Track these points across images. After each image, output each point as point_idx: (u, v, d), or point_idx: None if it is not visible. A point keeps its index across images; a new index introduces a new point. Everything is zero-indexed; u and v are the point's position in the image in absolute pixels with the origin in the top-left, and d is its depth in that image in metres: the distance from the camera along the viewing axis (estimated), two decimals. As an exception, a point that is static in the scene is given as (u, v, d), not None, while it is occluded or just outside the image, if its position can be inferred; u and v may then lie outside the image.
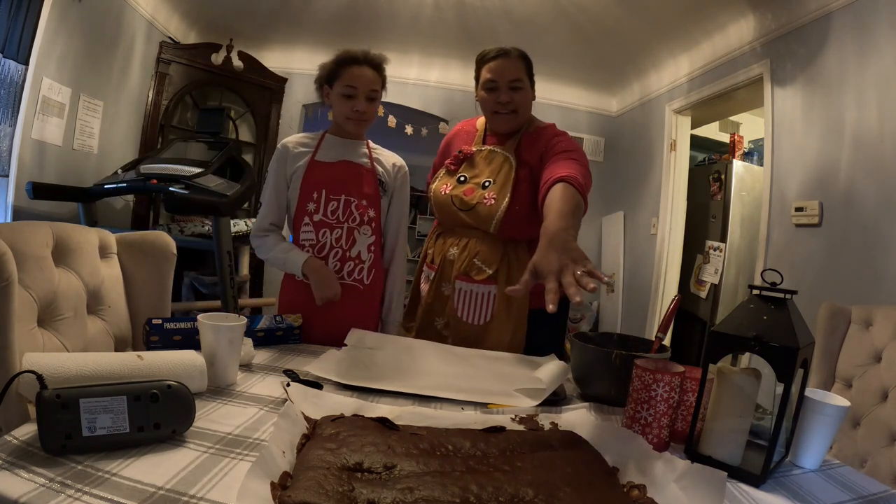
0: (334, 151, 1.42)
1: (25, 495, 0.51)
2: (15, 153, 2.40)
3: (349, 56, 1.37)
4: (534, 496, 0.60)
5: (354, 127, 1.40)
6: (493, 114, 1.42)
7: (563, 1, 2.93)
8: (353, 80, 1.35)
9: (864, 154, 2.01)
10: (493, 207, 1.35)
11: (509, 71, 1.37)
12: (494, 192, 1.37)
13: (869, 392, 1.20)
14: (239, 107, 3.93)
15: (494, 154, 1.43)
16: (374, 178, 1.43)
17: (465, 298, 1.39)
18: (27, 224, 1.04)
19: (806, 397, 0.78)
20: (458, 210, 1.39)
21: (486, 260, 1.37)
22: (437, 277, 1.42)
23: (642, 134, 3.93)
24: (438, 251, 1.45)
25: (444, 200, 1.42)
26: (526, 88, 1.40)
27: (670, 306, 1.07)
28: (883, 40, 1.94)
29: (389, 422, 0.75)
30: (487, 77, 1.39)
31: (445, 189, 1.43)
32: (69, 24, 2.60)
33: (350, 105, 1.36)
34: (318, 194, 1.37)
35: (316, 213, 1.37)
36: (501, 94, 1.38)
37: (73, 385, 0.63)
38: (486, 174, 1.41)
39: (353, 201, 1.39)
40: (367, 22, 3.47)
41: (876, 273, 1.90)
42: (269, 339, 1.21)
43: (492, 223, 1.35)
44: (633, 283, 4.00)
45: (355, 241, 1.39)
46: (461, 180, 1.42)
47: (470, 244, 1.39)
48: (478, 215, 1.37)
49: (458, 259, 1.39)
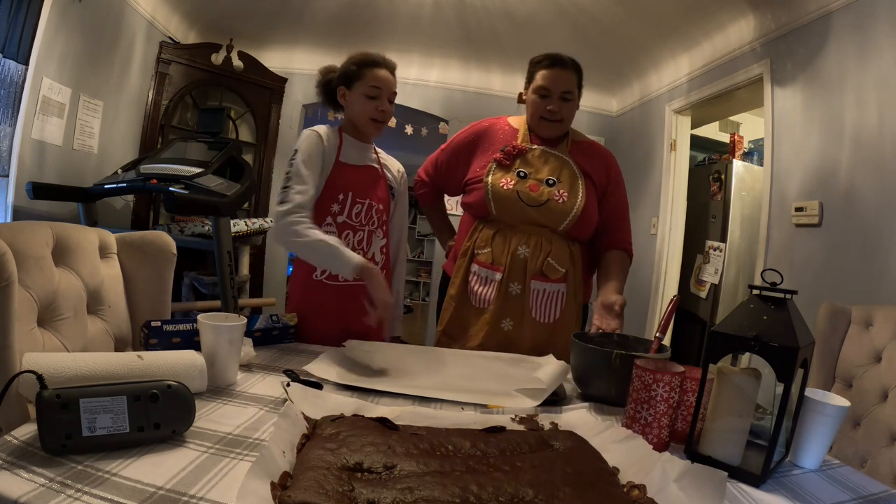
0: (356, 154, 1.42)
1: (25, 495, 0.51)
2: (15, 153, 2.39)
3: (371, 59, 1.39)
4: (534, 496, 0.60)
5: (376, 129, 1.41)
6: (539, 119, 1.43)
7: (563, 1, 2.92)
8: (378, 81, 1.36)
9: (864, 154, 2.01)
10: (566, 205, 1.36)
11: (564, 82, 1.40)
12: (565, 191, 1.37)
13: (869, 392, 1.20)
14: (239, 107, 3.93)
15: (549, 154, 1.43)
16: (385, 183, 1.47)
17: (539, 298, 1.38)
18: (27, 224, 1.04)
19: (806, 397, 0.78)
20: (525, 206, 1.36)
21: (558, 259, 1.38)
22: (504, 278, 1.37)
23: (642, 134, 3.93)
24: (500, 250, 1.38)
25: (508, 195, 1.37)
26: (575, 100, 1.43)
27: (669, 306, 1.07)
28: (883, 40, 1.94)
29: (389, 422, 0.75)
30: (541, 84, 1.40)
31: (507, 184, 1.37)
32: (69, 24, 2.60)
33: (375, 105, 1.37)
34: (343, 196, 1.36)
35: (340, 214, 1.36)
36: (553, 102, 1.40)
37: (73, 385, 0.63)
38: (545, 172, 1.39)
39: (374, 206, 1.41)
40: (367, 22, 3.46)
41: (876, 273, 1.89)
42: (266, 338, 1.21)
43: (565, 221, 1.36)
44: (633, 283, 3.98)
45: (372, 244, 1.42)
46: (521, 175, 1.38)
47: (542, 243, 1.37)
48: (549, 212, 1.35)
49: (532, 258, 1.36)
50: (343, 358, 1.10)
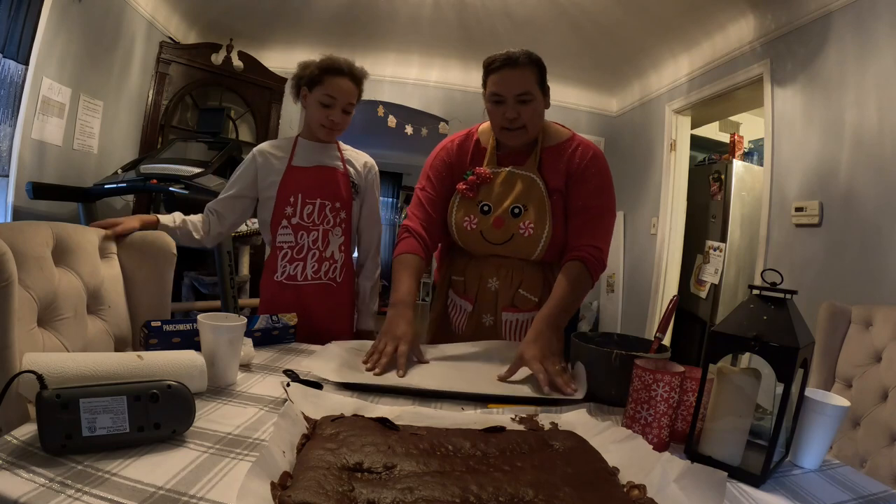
0: (309, 156, 1.47)
1: (25, 495, 0.51)
2: (15, 153, 2.39)
3: (334, 65, 1.39)
4: (534, 496, 0.60)
5: (326, 135, 1.46)
6: (500, 129, 1.28)
7: (563, 1, 2.93)
8: (333, 90, 1.39)
9: (864, 154, 2.01)
10: (533, 238, 1.27)
11: (516, 83, 1.21)
12: (531, 221, 1.27)
13: (869, 392, 1.20)
14: (239, 107, 3.93)
15: (515, 175, 1.30)
16: (347, 181, 1.48)
17: (512, 328, 1.35)
18: (27, 224, 1.04)
19: (806, 397, 0.78)
20: (491, 244, 1.30)
21: (529, 288, 1.33)
22: (475, 310, 1.35)
23: (642, 134, 3.93)
24: (472, 280, 1.35)
25: (472, 235, 1.31)
26: (536, 100, 1.24)
27: (668, 306, 1.07)
28: (883, 40, 1.94)
29: (389, 422, 0.75)
30: (493, 90, 1.24)
31: (470, 224, 1.30)
32: (69, 24, 2.60)
33: (326, 114, 1.41)
34: (294, 198, 1.43)
35: (293, 216, 1.43)
36: (508, 109, 1.23)
37: (73, 385, 0.63)
38: (510, 199, 1.28)
39: (327, 204, 1.44)
40: (366, 22, 3.47)
41: (876, 273, 1.90)
42: (266, 338, 1.21)
43: (535, 252, 1.29)
44: (633, 283, 4.00)
45: (329, 243, 1.46)
46: (485, 210, 1.29)
47: (512, 274, 1.33)
48: (516, 247, 1.29)
49: (502, 291, 1.33)
50: (338, 355, 1.09)
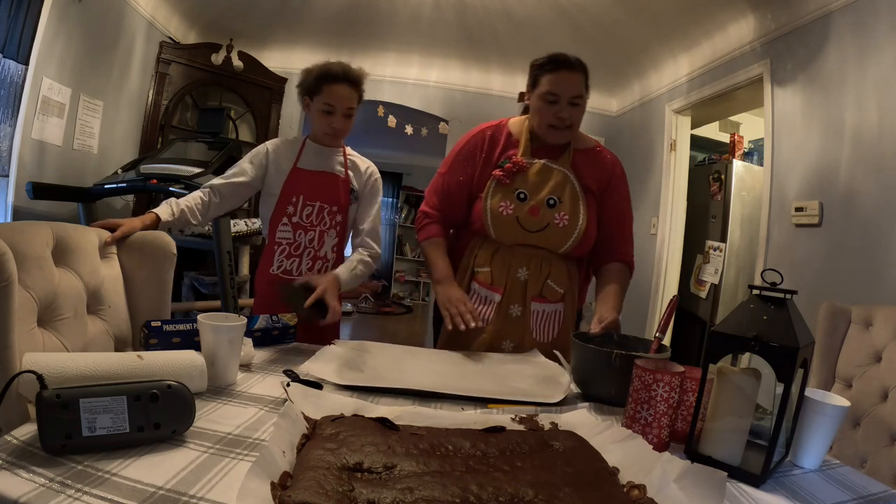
0: (314, 160, 1.52)
1: (25, 495, 0.51)
2: (15, 153, 2.39)
3: (330, 73, 1.42)
4: (534, 496, 0.60)
5: (331, 141, 1.52)
6: (548, 127, 1.33)
7: (563, 1, 2.92)
8: (331, 98, 1.43)
9: (864, 154, 2.01)
10: (567, 229, 1.32)
11: (573, 86, 1.30)
12: (566, 212, 1.32)
13: (869, 392, 1.20)
14: (239, 107, 3.93)
15: (550, 170, 1.35)
16: (347, 187, 1.53)
17: (539, 319, 1.37)
18: (27, 224, 1.04)
19: (806, 397, 0.78)
20: (525, 231, 1.33)
21: (557, 280, 1.36)
22: (504, 300, 1.36)
23: (642, 134, 3.93)
24: (499, 270, 1.36)
25: (507, 221, 1.33)
26: (584, 103, 1.34)
27: (668, 306, 1.07)
28: (883, 40, 1.94)
29: (389, 422, 0.75)
30: (548, 89, 1.30)
31: (506, 210, 1.33)
32: (69, 24, 2.60)
33: (328, 121, 1.46)
34: (296, 199, 1.48)
35: (294, 215, 1.49)
36: (561, 109, 1.30)
37: (73, 385, 0.63)
38: (546, 190, 1.33)
39: (325, 208, 1.50)
40: (367, 22, 3.47)
41: (876, 273, 1.89)
42: (266, 338, 1.21)
43: (566, 244, 1.33)
44: (633, 283, 3.97)
45: (324, 243, 1.52)
46: (521, 197, 1.33)
47: (541, 265, 1.35)
48: (550, 236, 1.32)
49: (531, 281, 1.35)
50: (339, 356, 1.09)
